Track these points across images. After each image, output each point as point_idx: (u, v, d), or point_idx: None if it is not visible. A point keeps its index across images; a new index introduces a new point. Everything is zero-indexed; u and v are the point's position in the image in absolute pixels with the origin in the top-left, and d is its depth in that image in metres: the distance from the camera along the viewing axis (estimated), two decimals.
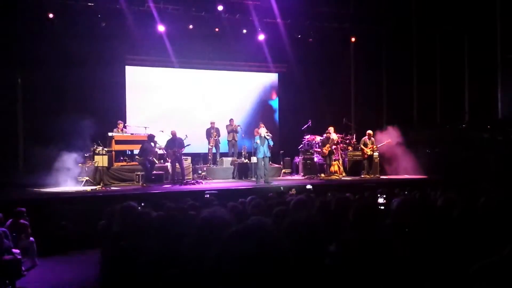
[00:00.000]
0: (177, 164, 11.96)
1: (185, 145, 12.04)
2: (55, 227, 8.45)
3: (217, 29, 14.43)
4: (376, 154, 13.72)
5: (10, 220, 7.40)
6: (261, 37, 15.22)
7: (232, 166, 13.71)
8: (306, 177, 13.65)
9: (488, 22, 14.97)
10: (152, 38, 14.12)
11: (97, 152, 11.84)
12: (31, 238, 7.51)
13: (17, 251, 6.96)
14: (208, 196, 8.81)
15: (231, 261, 2.31)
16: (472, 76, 15.61)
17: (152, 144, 11.87)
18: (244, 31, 14.98)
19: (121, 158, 12.64)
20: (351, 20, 14.89)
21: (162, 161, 12.79)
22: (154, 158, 11.91)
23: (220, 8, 13.62)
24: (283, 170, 14.70)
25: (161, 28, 13.83)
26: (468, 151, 13.95)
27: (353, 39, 16.09)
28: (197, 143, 15.19)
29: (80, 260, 7.85)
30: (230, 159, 14.07)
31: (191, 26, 14.20)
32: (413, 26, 15.64)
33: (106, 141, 12.44)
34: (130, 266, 3.37)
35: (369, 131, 13.70)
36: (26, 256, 7.42)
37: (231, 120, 14.77)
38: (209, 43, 14.87)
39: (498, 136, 14.53)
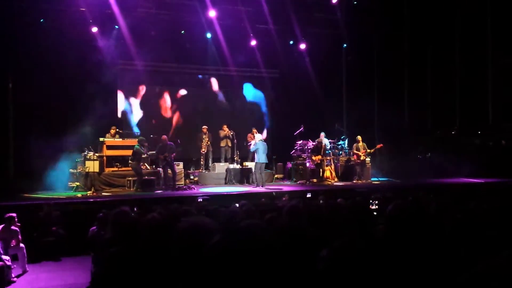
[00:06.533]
0: (168, 169, 11.92)
1: (174, 150, 12.02)
2: (45, 233, 8.38)
3: (209, 35, 14.46)
4: (368, 159, 13.77)
5: (1, 226, 7.34)
6: (253, 42, 15.29)
7: (225, 172, 13.67)
8: (298, 182, 13.65)
9: (479, 29, 15.13)
10: (144, 43, 14.12)
11: (88, 157, 11.77)
12: (21, 244, 7.45)
13: (7, 257, 6.89)
14: (201, 200, 8.81)
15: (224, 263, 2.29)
16: (462, 82, 15.75)
17: (143, 148, 11.79)
18: (237, 36, 15.04)
19: (115, 164, 12.53)
20: (343, 26, 14.96)
21: (154, 166, 12.75)
22: (145, 163, 11.85)
23: (212, 13, 13.63)
24: (275, 176, 14.70)
25: (153, 33, 13.84)
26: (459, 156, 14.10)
27: (345, 45, 16.21)
28: (189, 149, 15.18)
29: (71, 266, 7.80)
30: (222, 164, 14.05)
31: (183, 32, 14.28)
32: (404, 33, 15.75)
33: (97, 147, 12.38)
34: (122, 272, 3.35)
35: (359, 136, 13.76)
36: (16, 263, 7.36)
37: (224, 126, 14.77)
38: (201, 48, 14.89)
39: (489, 141, 14.68)
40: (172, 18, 13.91)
